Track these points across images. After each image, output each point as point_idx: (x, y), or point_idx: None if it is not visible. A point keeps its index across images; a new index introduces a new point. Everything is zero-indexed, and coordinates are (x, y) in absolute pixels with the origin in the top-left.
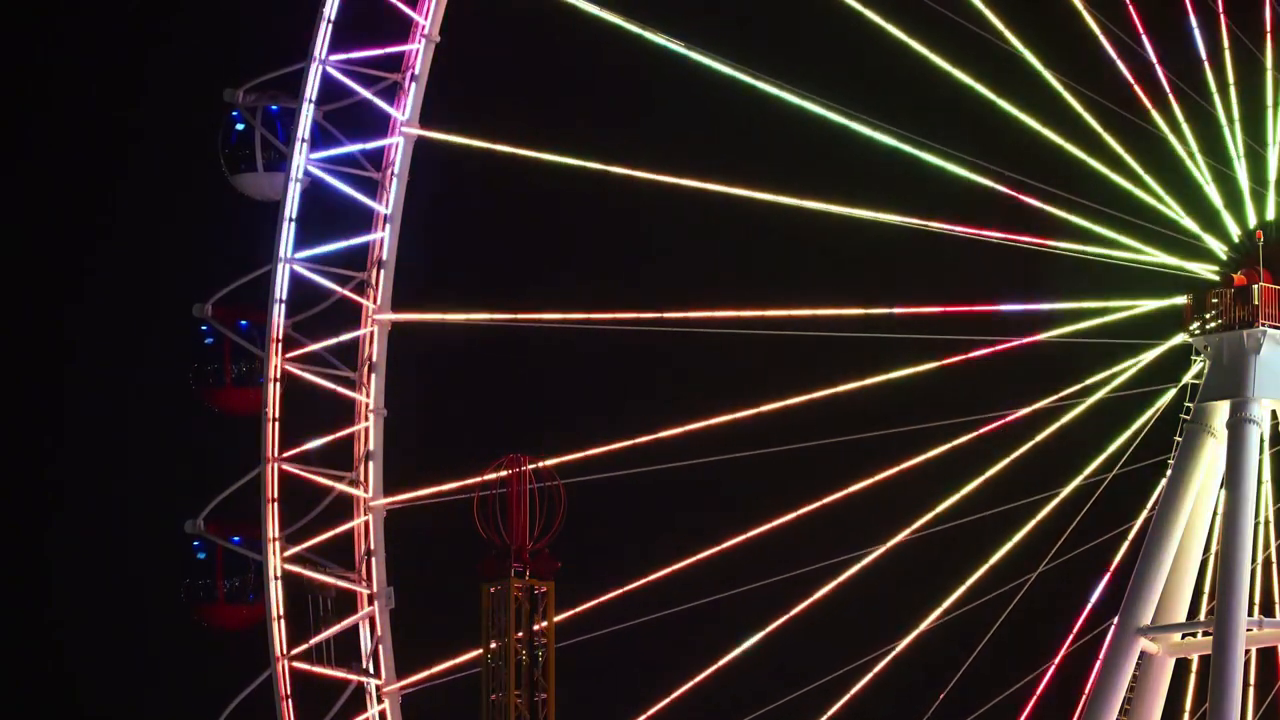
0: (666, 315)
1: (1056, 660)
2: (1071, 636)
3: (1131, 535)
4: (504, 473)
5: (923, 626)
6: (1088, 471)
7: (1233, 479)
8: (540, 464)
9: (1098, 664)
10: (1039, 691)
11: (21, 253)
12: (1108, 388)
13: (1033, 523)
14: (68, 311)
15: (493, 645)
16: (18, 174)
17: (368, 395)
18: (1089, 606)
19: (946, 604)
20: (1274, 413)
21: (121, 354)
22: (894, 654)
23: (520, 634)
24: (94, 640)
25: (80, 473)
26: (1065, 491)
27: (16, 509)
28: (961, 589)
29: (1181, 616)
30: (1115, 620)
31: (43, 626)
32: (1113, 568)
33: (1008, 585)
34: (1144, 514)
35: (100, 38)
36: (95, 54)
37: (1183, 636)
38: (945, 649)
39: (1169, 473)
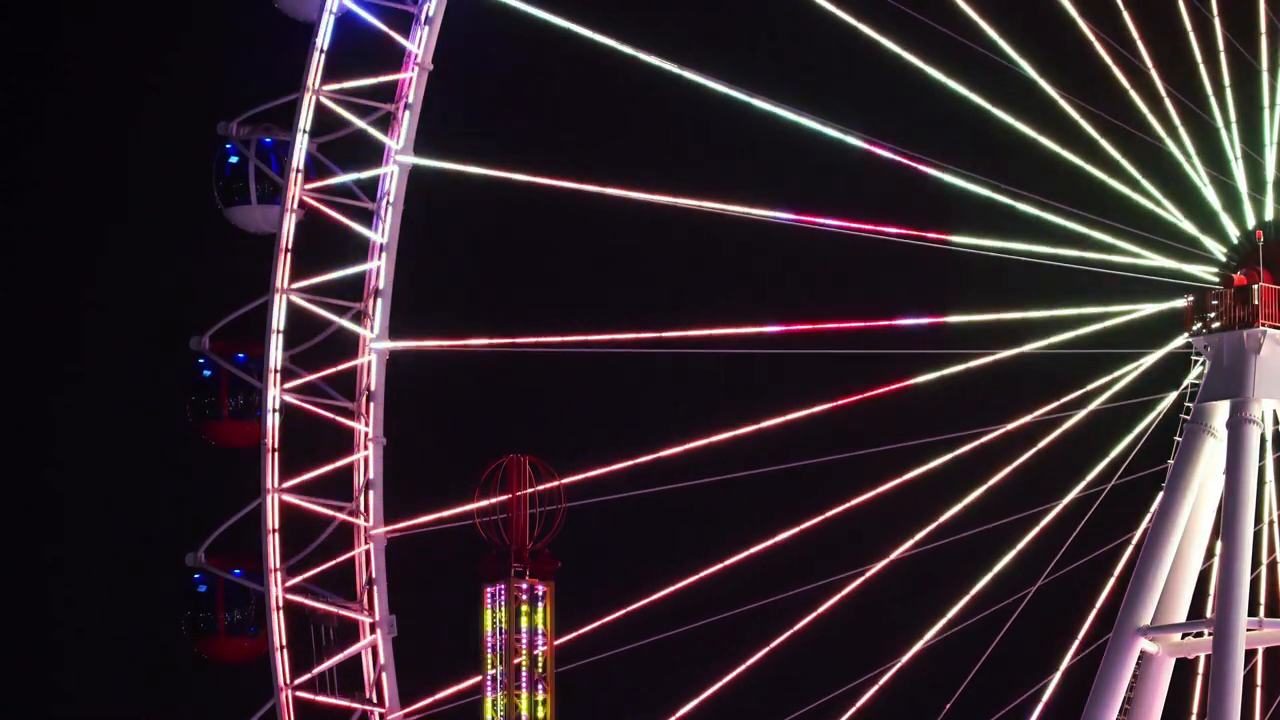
0: (665, 335)
1: (1059, 672)
2: (1076, 646)
3: (1134, 542)
4: (505, 497)
5: (924, 640)
6: (1087, 480)
7: (1232, 479)
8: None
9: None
10: (1045, 700)
11: (18, 286)
12: (1108, 393)
13: (1034, 532)
14: (66, 345)
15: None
16: (14, 208)
17: (367, 424)
18: (1092, 615)
19: (948, 617)
20: (1276, 414)
21: (119, 388)
22: (897, 667)
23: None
24: (96, 673)
25: (80, 507)
26: (1064, 502)
27: (15, 543)
28: (963, 601)
29: (1181, 616)
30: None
31: (44, 660)
32: (1116, 574)
33: (1010, 598)
34: (1146, 520)
35: (95, 71)
36: (90, 87)
37: (1183, 636)
38: (949, 662)
39: (1169, 473)
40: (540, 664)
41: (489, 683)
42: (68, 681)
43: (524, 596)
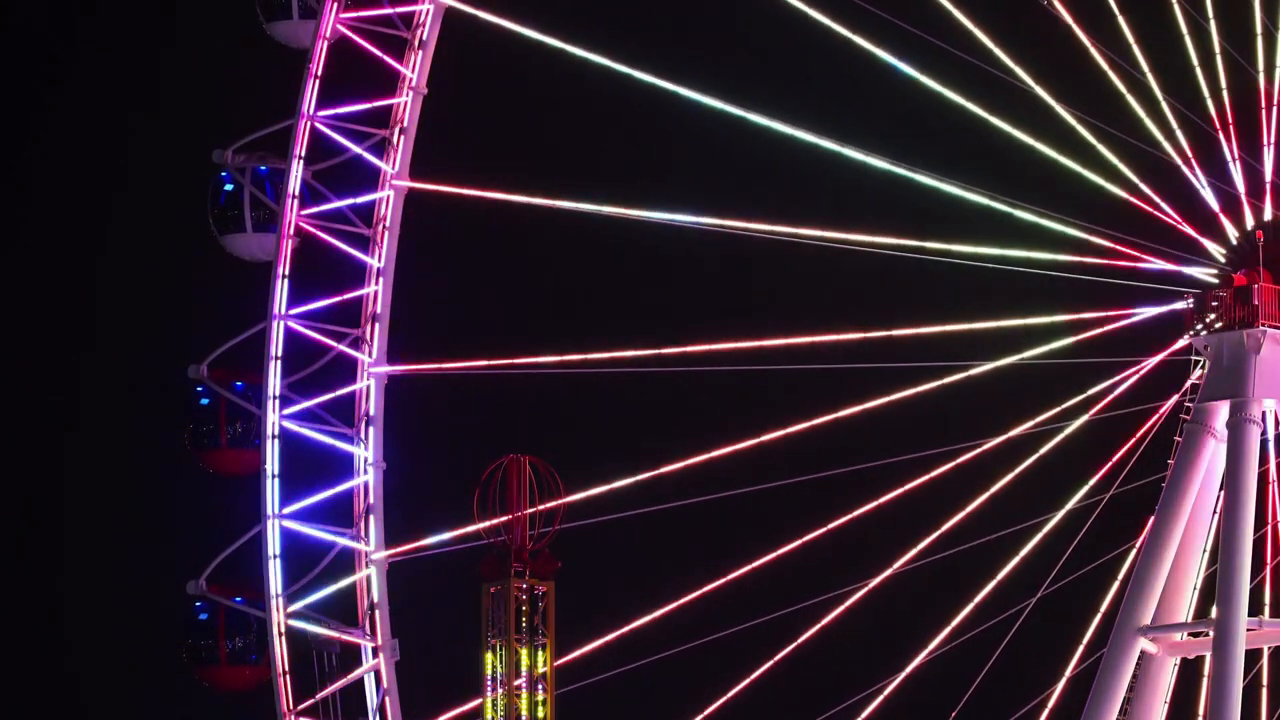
0: (665, 352)
1: (1064, 679)
2: (1080, 652)
3: (1137, 548)
4: (507, 517)
5: (927, 651)
6: (1089, 485)
7: (1232, 479)
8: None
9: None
10: (1050, 707)
11: (16, 315)
12: (1109, 398)
13: (1035, 539)
14: (65, 376)
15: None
16: (11, 236)
17: (366, 448)
18: (1096, 621)
19: (952, 626)
20: (1277, 414)
21: (118, 417)
22: (901, 678)
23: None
24: (98, 702)
25: (80, 537)
26: (1064, 509)
27: (17, 574)
28: (966, 610)
29: (1181, 616)
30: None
31: (46, 689)
32: (1119, 579)
33: (1014, 607)
34: (1147, 525)
35: (90, 100)
36: (85, 115)
37: (1183, 636)
38: (953, 673)
39: (1169, 473)
40: (540, 664)
41: (489, 682)
42: (69, 710)
43: (524, 596)
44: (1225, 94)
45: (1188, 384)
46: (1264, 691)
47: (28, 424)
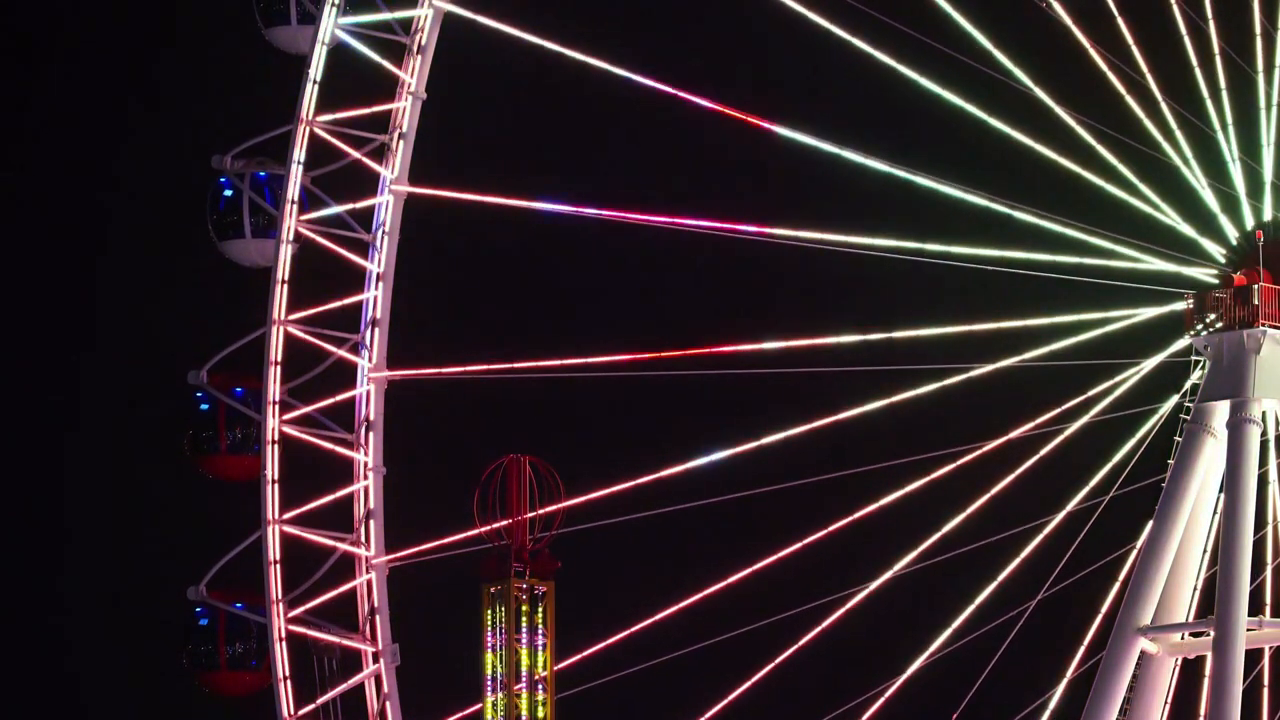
0: (664, 355)
1: (1064, 682)
2: (1080, 655)
3: (1137, 549)
4: (505, 522)
5: (928, 654)
6: (1089, 487)
7: (1232, 479)
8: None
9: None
10: (1050, 709)
11: (17, 322)
12: (1109, 399)
13: (1035, 541)
14: (64, 382)
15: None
16: (10, 242)
17: (366, 454)
18: (1096, 623)
19: (952, 628)
20: (1277, 415)
21: (118, 418)
22: (900, 682)
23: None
24: (98, 708)
25: (80, 543)
26: (1064, 513)
27: (17, 579)
28: (966, 613)
29: (1181, 616)
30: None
31: (46, 694)
32: (1120, 580)
33: (1014, 610)
34: (1147, 527)
35: (89, 104)
36: (84, 121)
37: (1183, 636)
38: (953, 677)
39: (1169, 473)
40: (540, 664)
41: (489, 683)
42: (69, 710)
43: (524, 596)
44: (1225, 94)
45: (1188, 384)
46: (1264, 691)
47: (28, 424)
